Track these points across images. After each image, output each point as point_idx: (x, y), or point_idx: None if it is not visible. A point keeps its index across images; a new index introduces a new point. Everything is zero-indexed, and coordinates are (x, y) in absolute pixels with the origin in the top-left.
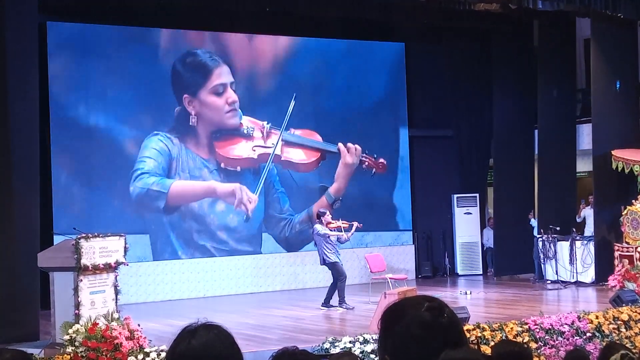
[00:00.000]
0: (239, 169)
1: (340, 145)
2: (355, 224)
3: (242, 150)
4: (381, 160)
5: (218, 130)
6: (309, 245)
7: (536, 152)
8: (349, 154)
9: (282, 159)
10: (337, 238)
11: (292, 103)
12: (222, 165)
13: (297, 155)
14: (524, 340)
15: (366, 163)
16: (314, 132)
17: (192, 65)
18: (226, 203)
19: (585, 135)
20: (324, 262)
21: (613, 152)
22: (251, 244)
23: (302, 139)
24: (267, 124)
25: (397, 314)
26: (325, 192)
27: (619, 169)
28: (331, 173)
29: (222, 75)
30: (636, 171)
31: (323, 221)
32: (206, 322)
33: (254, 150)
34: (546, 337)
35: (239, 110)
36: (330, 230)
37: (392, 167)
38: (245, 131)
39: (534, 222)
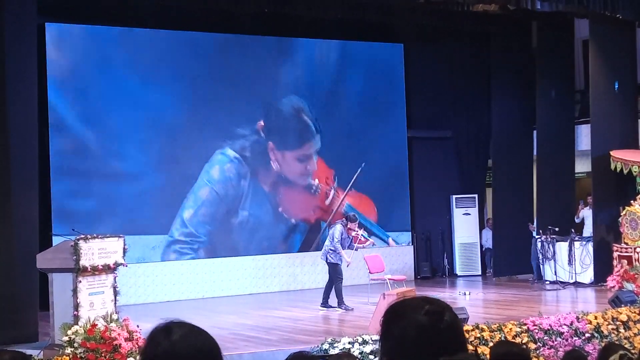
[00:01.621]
0: (293, 221)
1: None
2: (371, 241)
3: (304, 206)
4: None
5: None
6: (308, 246)
7: (535, 152)
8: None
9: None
10: (349, 244)
11: (360, 169)
12: (280, 209)
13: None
14: (523, 341)
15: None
16: (371, 201)
17: (295, 121)
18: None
19: (583, 136)
20: (326, 259)
21: (612, 153)
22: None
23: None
24: (335, 183)
25: (397, 316)
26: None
27: (618, 169)
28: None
29: (312, 147)
30: (635, 172)
31: (348, 225)
32: (173, 319)
33: (314, 212)
34: (545, 337)
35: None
36: (349, 235)
37: (391, 168)
38: (312, 190)
39: (534, 232)
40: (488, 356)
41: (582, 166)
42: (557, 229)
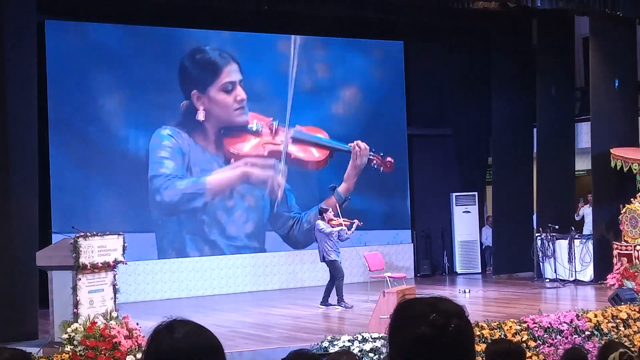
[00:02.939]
0: (249, 165)
1: (353, 144)
2: (356, 222)
3: (252, 147)
4: (388, 159)
5: (226, 126)
6: (309, 244)
7: (535, 150)
8: (360, 155)
9: (292, 157)
10: (339, 234)
11: (290, 95)
12: (232, 161)
13: (306, 153)
14: (523, 339)
15: (374, 161)
16: (320, 129)
17: (201, 62)
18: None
19: (584, 134)
20: (323, 259)
21: (612, 151)
22: (256, 242)
23: (311, 136)
24: (275, 120)
25: (400, 325)
26: (334, 192)
27: (618, 167)
28: (339, 172)
29: (231, 72)
30: (635, 169)
31: (325, 217)
32: (176, 317)
33: (264, 148)
34: (545, 335)
35: (246, 107)
36: (332, 227)
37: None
38: (254, 128)
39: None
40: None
41: (582, 164)
42: (557, 227)
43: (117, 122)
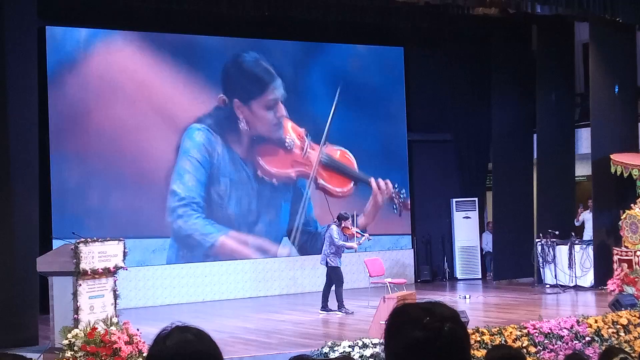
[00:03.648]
0: (275, 181)
1: (373, 181)
2: (367, 235)
3: (282, 164)
4: (407, 202)
5: (260, 137)
6: (308, 249)
7: (535, 156)
8: (380, 192)
9: (319, 182)
10: (345, 246)
11: (332, 112)
12: (259, 173)
13: (333, 182)
14: (523, 345)
15: (395, 203)
16: (350, 156)
17: (248, 74)
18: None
19: (584, 140)
20: (325, 263)
21: (612, 156)
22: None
23: (339, 164)
24: (308, 136)
25: (394, 329)
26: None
27: (618, 173)
28: (358, 202)
29: (275, 89)
30: (635, 175)
31: (342, 224)
32: (181, 324)
33: (292, 167)
34: (545, 341)
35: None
36: (344, 234)
37: (391, 170)
38: (286, 144)
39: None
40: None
41: (583, 170)
42: (557, 233)
43: (119, 128)
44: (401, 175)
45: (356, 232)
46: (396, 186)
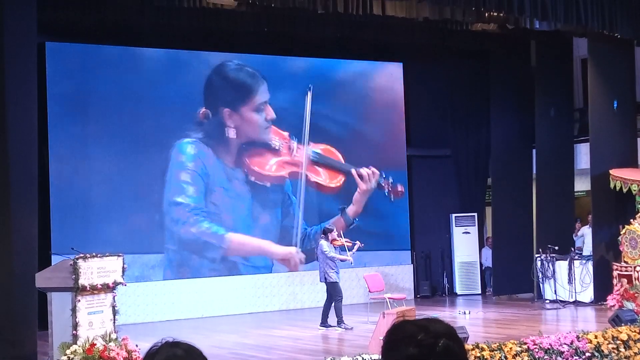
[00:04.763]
0: (268, 184)
1: (354, 171)
2: (358, 243)
3: (273, 166)
4: (400, 187)
5: (248, 142)
6: (308, 265)
7: (534, 171)
8: (363, 181)
9: (310, 179)
10: (341, 257)
11: (308, 111)
12: (252, 178)
13: (324, 178)
14: None
15: (386, 188)
16: (334, 150)
17: (234, 81)
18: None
19: (583, 155)
20: (324, 279)
21: (611, 172)
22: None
23: (326, 159)
24: (294, 139)
25: (390, 346)
26: (343, 213)
27: (617, 188)
28: (349, 195)
29: (263, 93)
30: (634, 190)
31: (329, 237)
32: (172, 340)
33: (284, 168)
34: (545, 357)
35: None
36: (334, 247)
37: (390, 186)
38: (273, 145)
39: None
40: None
41: (582, 185)
42: (557, 248)
43: (118, 143)
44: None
45: (345, 242)
46: (384, 175)
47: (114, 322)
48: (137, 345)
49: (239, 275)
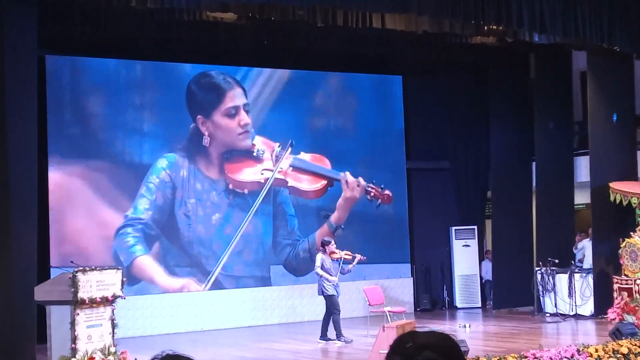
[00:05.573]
0: (246, 191)
1: (342, 177)
2: (358, 256)
3: (250, 173)
4: (387, 192)
5: (229, 151)
6: (307, 278)
7: (534, 184)
8: (349, 188)
9: (289, 184)
10: (341, 269)
11: (289, 147)
12: (231, 186)
13: (305, 182)
14: None
15: (372, 194)
16: (323, 157)
17: (206, 87)
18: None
19: (582, 168)
20: (322, 293)
21: (611, 185)
22: (259, 273)
23: (310, 164)
24: (279, 146)
25: (389, 350)
26: (327, 221)
27: (617, 201)
28: (336, 200)
29: (235, 97)
30: (634, 203)
31: (327, 250)
32: (172, 352)
33: (262, 174)
34: None
35: (252, 131)
36: (333, 259)
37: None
38: (255, 153)
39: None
40: None
41: (582, 198)
42: (557, 261)
43: (118, 155)
44: (400, 203)
45: (345, 254)
46: (374, 181)
47: (113, 336)
48: (136, 359)
49: (238, 288)
